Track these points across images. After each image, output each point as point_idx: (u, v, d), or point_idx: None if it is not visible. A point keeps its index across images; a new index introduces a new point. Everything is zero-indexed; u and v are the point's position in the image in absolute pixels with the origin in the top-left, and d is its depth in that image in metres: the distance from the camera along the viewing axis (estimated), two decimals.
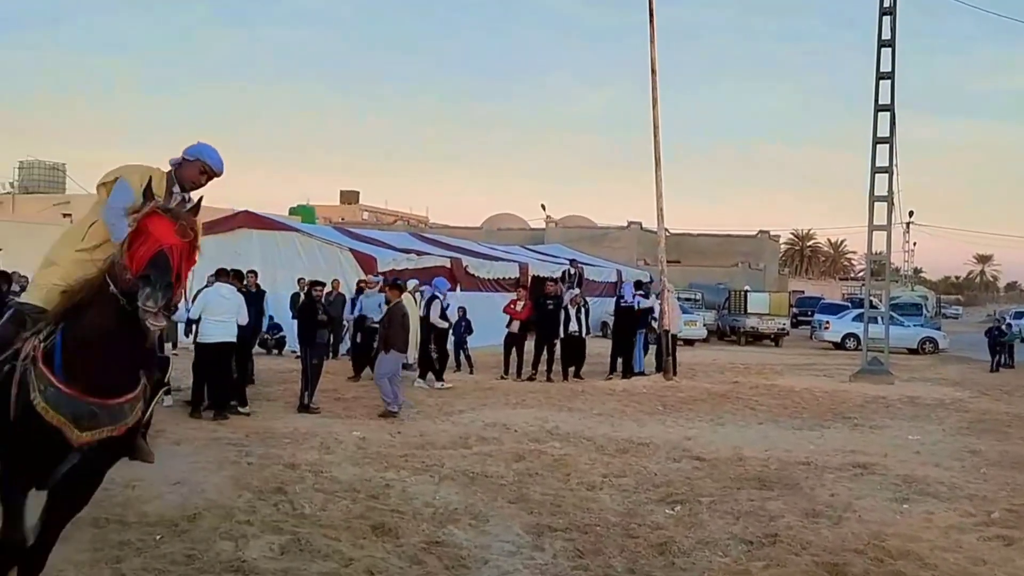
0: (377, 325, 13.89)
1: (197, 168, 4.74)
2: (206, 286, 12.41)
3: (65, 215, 30.18)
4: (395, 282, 14.15)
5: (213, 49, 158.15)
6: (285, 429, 10.69)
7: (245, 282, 13.09)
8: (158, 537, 6.16)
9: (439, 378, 15.58)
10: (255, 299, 13.48)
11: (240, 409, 11.68)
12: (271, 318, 19.97)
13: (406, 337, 12.42)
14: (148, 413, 4.46)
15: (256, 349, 19.46)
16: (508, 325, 17.54)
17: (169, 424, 10.65)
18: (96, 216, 4.56)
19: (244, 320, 11.64)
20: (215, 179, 4.83)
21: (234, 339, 11.52)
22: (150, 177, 4.38)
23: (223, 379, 11.52)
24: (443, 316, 16.09)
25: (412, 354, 18.23)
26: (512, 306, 17.52)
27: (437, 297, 16.12)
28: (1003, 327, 25.73)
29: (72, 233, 4.70)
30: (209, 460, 8.77)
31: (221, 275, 12.12)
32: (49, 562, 4.57)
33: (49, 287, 4.42)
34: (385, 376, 12.18)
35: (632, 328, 18.34)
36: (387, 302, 12.94)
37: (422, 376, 15.55)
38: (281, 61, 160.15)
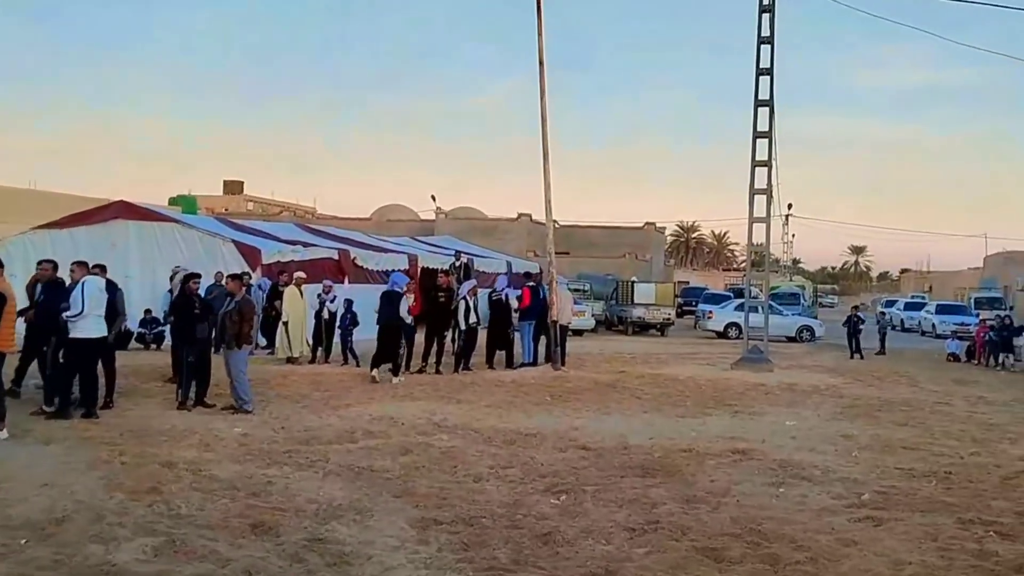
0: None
1: None
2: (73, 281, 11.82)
3: None
4: (238, 274, 13.82)
5: (93, 30, 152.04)
6: (163, 427, 10.33)
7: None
8: (23, 541, 5.87)
9: (396, 373, 15.40)
10: None
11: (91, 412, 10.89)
12: (148, 311, 19.35)
13: (250, 330, 12.42)
14: None
15: (133, 344, 18.92)
16: None
17: (38, 423, 10.18)
18: None
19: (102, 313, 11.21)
20: None
21: (106, 334, 11.12)
22: None
23: (94, 376, 11.05)
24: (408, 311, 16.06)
25: (298, 347, 18.06)
26: None
27: (399, 291, 15.94)
28: (862, 316, 26.88)
29: None
30: (80, 460, 8.40)
31: (81, 267, 11.54)
32: None
33: None
34: (243, 372, 11.91)
35: (506, 321, 18.43)
36: (230, 295, 12.50)
37: (394, 371, 15.46)
38: (162, 44, 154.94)
